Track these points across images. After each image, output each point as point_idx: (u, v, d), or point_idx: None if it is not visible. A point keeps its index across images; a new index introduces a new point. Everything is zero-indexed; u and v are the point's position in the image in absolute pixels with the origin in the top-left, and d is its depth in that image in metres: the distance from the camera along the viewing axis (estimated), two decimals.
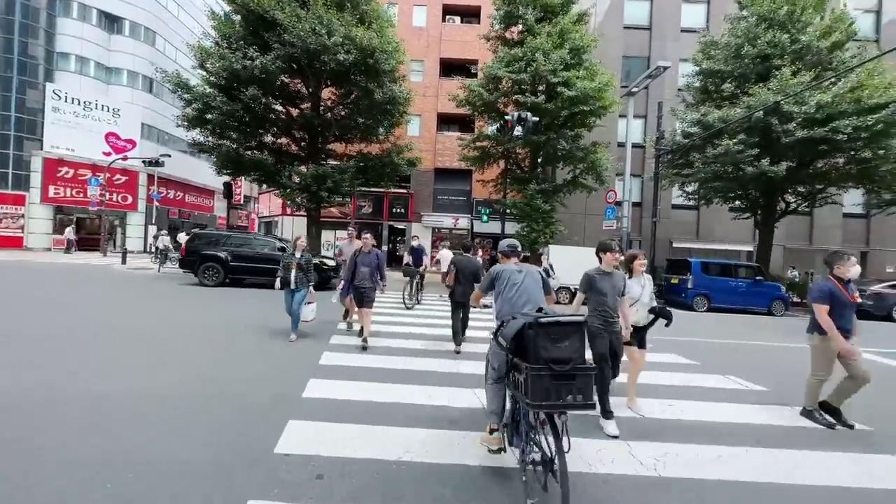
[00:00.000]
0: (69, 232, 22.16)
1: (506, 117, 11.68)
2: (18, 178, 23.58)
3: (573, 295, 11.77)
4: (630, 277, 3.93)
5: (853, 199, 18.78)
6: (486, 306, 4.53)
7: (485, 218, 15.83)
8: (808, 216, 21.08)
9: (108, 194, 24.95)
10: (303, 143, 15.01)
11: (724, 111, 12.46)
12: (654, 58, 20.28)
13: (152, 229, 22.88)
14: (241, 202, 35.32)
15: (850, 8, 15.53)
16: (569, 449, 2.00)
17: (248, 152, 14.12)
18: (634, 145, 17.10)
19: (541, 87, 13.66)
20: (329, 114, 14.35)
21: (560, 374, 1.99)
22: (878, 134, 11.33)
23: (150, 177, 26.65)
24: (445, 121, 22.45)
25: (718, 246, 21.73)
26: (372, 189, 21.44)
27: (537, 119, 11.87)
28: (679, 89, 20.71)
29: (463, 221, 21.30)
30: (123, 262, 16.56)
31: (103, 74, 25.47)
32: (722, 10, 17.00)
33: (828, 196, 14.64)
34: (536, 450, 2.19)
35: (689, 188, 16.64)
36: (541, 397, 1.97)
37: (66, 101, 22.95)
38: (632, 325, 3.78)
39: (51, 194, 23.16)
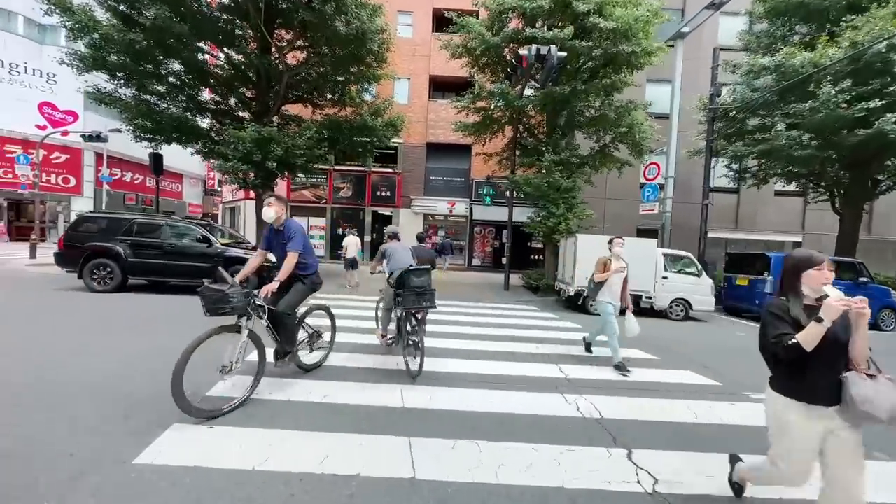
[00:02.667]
0: None
1: (521, 52, 8.22)
2: None
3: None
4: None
5: None
6: (380, 271, 5.08)
7: (487, 200, 12.53)
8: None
9: (43, 175, 21.41)
10: (250, 103, 11.49)
11: (819, 51, 9.02)
12: (689, 10, 16.72)
13: None
14: (216, 186, 31.78)
15: None
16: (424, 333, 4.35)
17: (169, 107, 10.58)
18: (657, 115, 13.70)
19: (561, 24, 10.13)
20: (277, 60, 10.78)
21: (419, 292, 4.19)
22: None
23: (99, 156, 23.01)
24: (440, 86, 18.86)
25: (760, 236, 18.48)
26: (351, 168, 18.04)
27: (564, 54, 8.40)
28: (719, 49, 17.34)
29: (460, 207, 17.90)
30: (32, 255, 13.14)
31: (35, 33, 21.56)
32: None
33: None
34: (410, 342, 4.18)
35: (736, 165, 13.32)
36: (411, 304, 4.18)
37: None
38: None
39: None
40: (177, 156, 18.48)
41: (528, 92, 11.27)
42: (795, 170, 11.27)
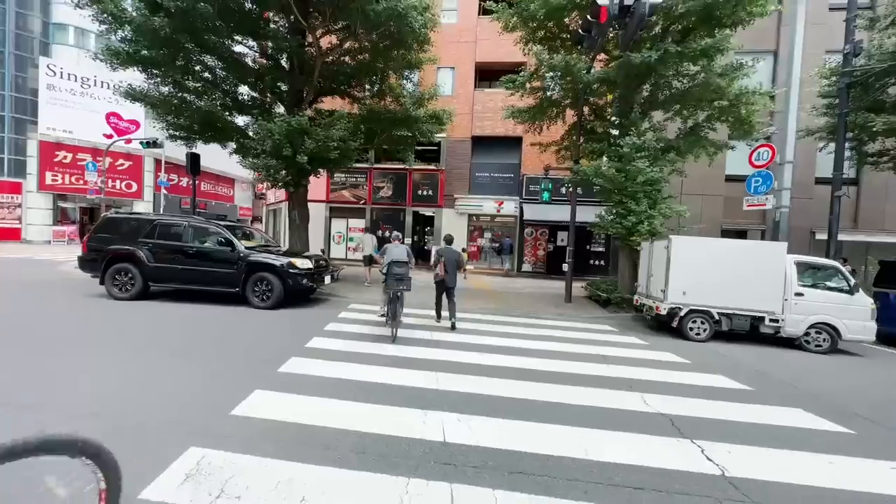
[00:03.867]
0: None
1: (599, 1, 6.42)
2: (17, 165, 21.76)
3: None
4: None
5: None
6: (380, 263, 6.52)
7: (545, 196, 10.68)
8: None
9: (109, 181, 22.74)
10: (283, 95, 10.66)
11: None
12: None
13: None
14: (264, 190, 32.63)
15: None
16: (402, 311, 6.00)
17: (202, 104, 9.97)
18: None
19: None
20: (309, 45, 9.80)
21: (398, 278, 5.75)
22: None
23: (158, 162, 24.11)
24: (486, 75, 17.27)
25: (887, 238, 14.80)
26: (392, 167, 16.99)
27: (658, 1, 6.48)
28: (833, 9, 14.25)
29: (509, 206, 16.16)
30: None
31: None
32: None
33: None
34: (390, 314, 5.80)
35: (874, 144, 10.41)
36: (393, 287, 5.75)
37: (61, 77, 20.55)
38: None
39: (48, 181, 21.09)
40: (228, 160, 18.69)
41: (596, 66, 9.37)
42: None
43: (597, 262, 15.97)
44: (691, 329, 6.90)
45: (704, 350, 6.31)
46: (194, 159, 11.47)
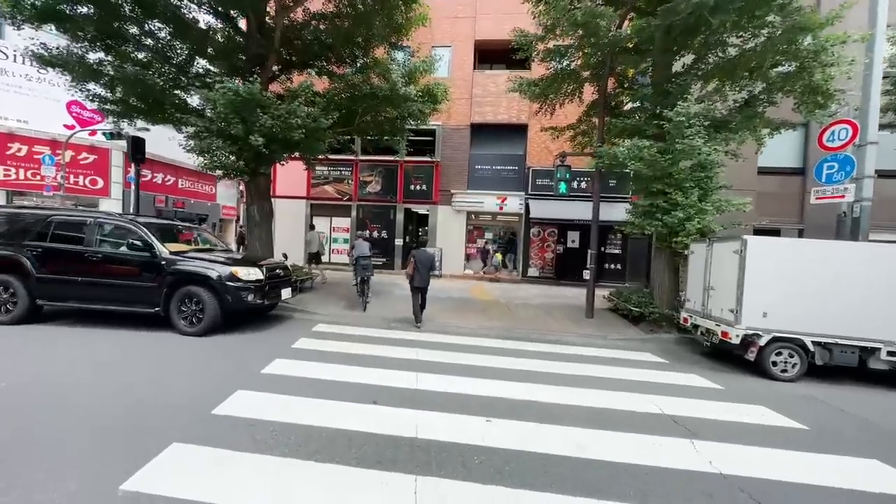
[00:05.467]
0: None
1: None
2: None
3: None
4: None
5: None
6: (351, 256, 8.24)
7: (562, 188, 8.73)
8: None
9: (71, 176, 20.68)
10: (240, 64, 8.69)
11: None
12: None
13: None
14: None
15: None
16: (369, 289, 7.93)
17: (146, 75, 8.02)
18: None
19: None
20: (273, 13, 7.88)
21: (364, 266, 7.72)
22: None
23: (126, 156, 22.04)
24: (487, 55, 15.39)
25: None
26: (379, 158, 15.06)
27: None
28: None
29: (513, 202, 14.29)
30: None
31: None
32: None
33: None
34: (362, 291, 7.85)
35: None
36: (361, 274, 7.76)
37: (15, 60, 18.43)
38: None
39: (0, 176, 18.95)
40: None
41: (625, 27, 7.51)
42: None
43: (613, 266, 14.13)
44: (775, 364, 5.04)
45: (811, 402, 4.43)
46: (136, 144, 9.54)
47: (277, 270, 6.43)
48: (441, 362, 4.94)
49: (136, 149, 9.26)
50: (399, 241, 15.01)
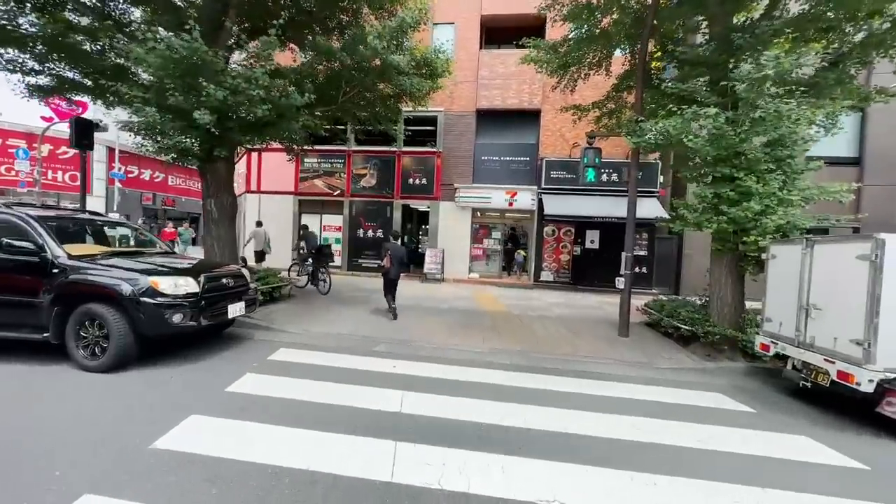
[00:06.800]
0: None
1: None
2: None
3: None
4: None
5: None
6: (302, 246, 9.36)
7: (590, 175, 7.07)
8: None
9: (49, 172, 19.51)
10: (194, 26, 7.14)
11: None
12: None
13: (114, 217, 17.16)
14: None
15: None
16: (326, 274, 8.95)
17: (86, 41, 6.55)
18: None
19: None
20: None
21: (325, 253, 9.31)
22: None
23: (112, 150, 20.81)
24: (496, 34, 13.81)
25: None
26: (374, 149, 13.54)
27: None
28: None
29: (524, 198, 12.68)
30: None
31: None
32: None
33: None
34: (321, 278, 9.00)
35: None
36: (314, 263, 9.18)
37: None
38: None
39: None
40: None
41: None
42: None
43: (638, 270, 12.45)
44: None
45: None
46: (81, 127, 8.06)
47: (224, 280, 4.90)
48: (436, 419, 3.38)
49: (81, 132, 7.74)
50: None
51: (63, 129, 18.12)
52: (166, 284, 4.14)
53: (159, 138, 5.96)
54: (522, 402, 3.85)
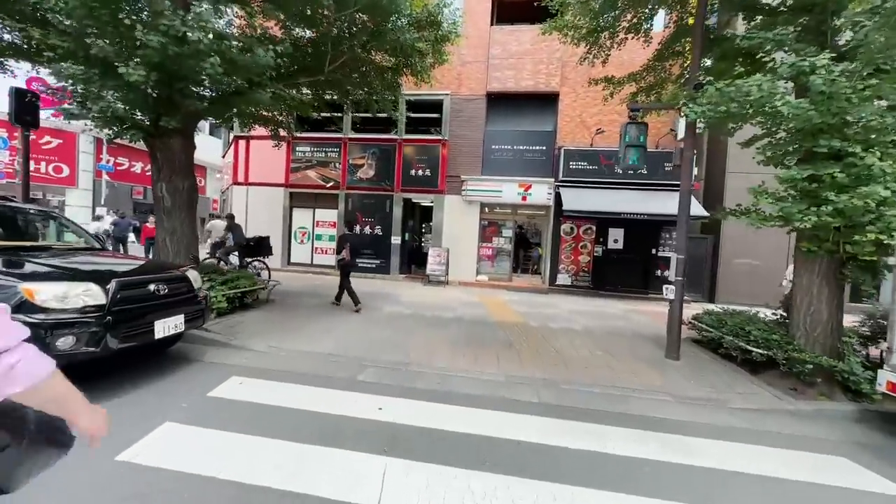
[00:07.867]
0: None
1: None
2: None
3: None
4: None
5: None
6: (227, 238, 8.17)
7: (634, 157, 5.70)
8: None
9: (31, 162, 18.43)
10: None
11: None
12: None
13: (101, 212, 16.33)
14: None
15: None
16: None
17: None
18: None
19: None
20: None
21: (252, 250, 8.14)
22: None
23: (99, 141, 19.73)
24: (508, 9, 12.46)
25: None
26: (373, 136, 12.27)
27: None
28: None
29: (539, 191, 11.34)
30: None
31: None
32: None
33: None
34: (257, 269, 8.17)
35: None
36: (243, 255, 8.04)
37: None
38: None
39: None
40: (200, 148, 14.02)
41: None
42: None
43: (659, 274, 11.04)
44: None
45: None
46: (22, 100, 6.85)
47: (153, 287, 3.63)
48: None
49: (22, 107, 6.52)
50: (396, 239, 12.18)
51: (46, 116, 17.07)
52: (48, 294, 2.87)
53: (88, 104, 4.71)
54: (566, 480, 2.53)
